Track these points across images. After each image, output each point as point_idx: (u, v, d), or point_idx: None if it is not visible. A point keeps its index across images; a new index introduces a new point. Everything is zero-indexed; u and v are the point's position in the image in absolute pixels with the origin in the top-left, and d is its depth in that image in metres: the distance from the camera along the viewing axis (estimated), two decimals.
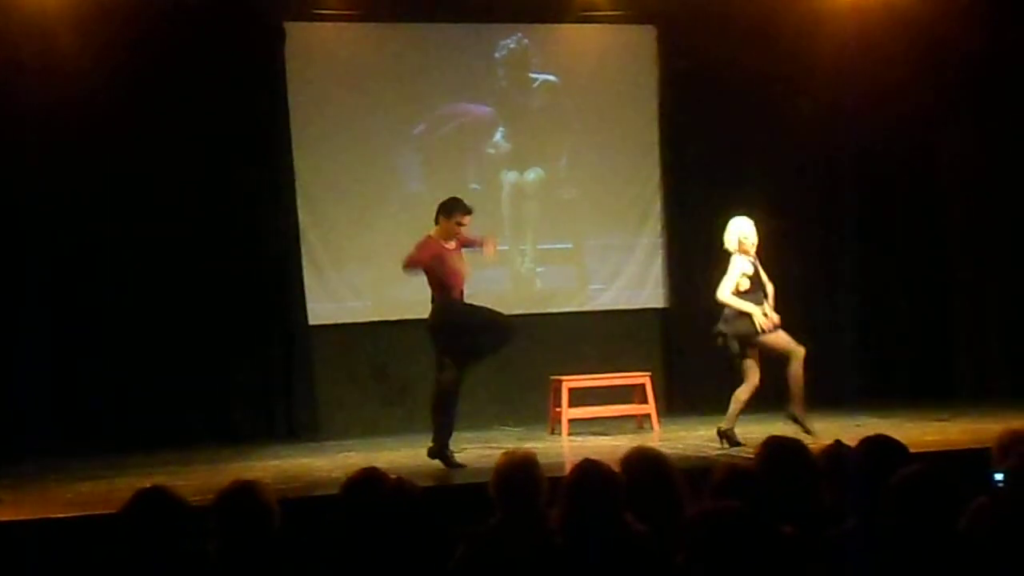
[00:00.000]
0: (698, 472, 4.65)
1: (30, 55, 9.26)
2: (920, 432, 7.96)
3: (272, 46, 10.21)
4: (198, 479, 7.18)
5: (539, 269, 10.86)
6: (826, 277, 11.21)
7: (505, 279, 10.62)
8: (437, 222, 7.74)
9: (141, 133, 9.69)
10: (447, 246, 7.70)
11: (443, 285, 7.63)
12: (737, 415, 8.05)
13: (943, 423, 8.67)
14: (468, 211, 7.71)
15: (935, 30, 10.53)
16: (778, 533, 3.07)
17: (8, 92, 9.27)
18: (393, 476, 3.91)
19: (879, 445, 3.79)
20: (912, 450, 3.87)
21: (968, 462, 5.28)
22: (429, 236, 7.75)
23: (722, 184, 11.03)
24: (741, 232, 8.19)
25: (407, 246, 9.81)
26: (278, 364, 10.18)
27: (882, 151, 11.07)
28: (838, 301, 11.28)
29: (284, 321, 10.19)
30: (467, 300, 7.79)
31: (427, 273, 7.67)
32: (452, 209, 7.68)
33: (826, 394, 10.56)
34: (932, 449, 6.81)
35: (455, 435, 7.83)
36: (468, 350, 7.62)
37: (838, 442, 3.95)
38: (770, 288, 8.26)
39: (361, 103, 10.49)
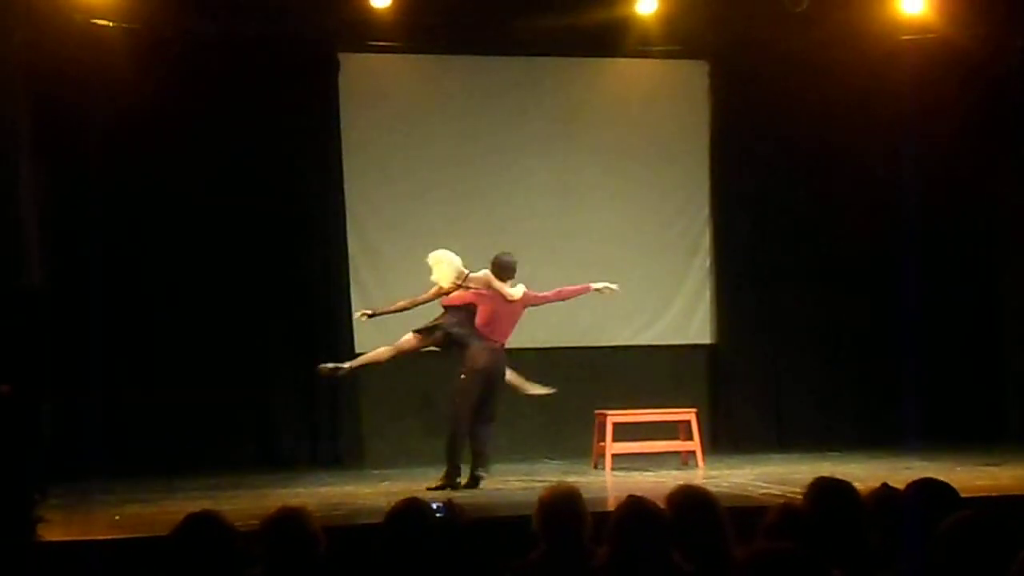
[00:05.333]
0: (742, 512, 4.61)
1: (93, 84, 9.39)
2: (970, 476, 7.84)
3: (326, 77, 10.34)
4: (244, 504, 7.20)
5: (585, 302, 10.83)
6: (878, 318, 11.09)
7: (551, 312, 10.58)
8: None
9: (193, 160, 9.85)
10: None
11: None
12: None
13: (993, 468, 8.55)
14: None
15: (993, 70, 10.44)
16: None
17: (66, 121, 9.40)
18: (444, 500, 3.91)
19: (929, 489, 3.75)
20: (962, 495, 3.81)
21: (1019, 508, 5.20)
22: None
23: (773, 219, 11.06)
24: None
25: None
26: (324, 392, 10.21)
27: (940, 191, 10.89)
28: (889, 343, 11.14)
29: (331, 349, 10.11)
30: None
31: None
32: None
33: (875, 436, 10.58)
34: (982, 494, 6.68)
35: (498, 467, 7.97)
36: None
37: (886, 485, 3.90)
38: None
39: (413, 134, 10.57)
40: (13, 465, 6.01)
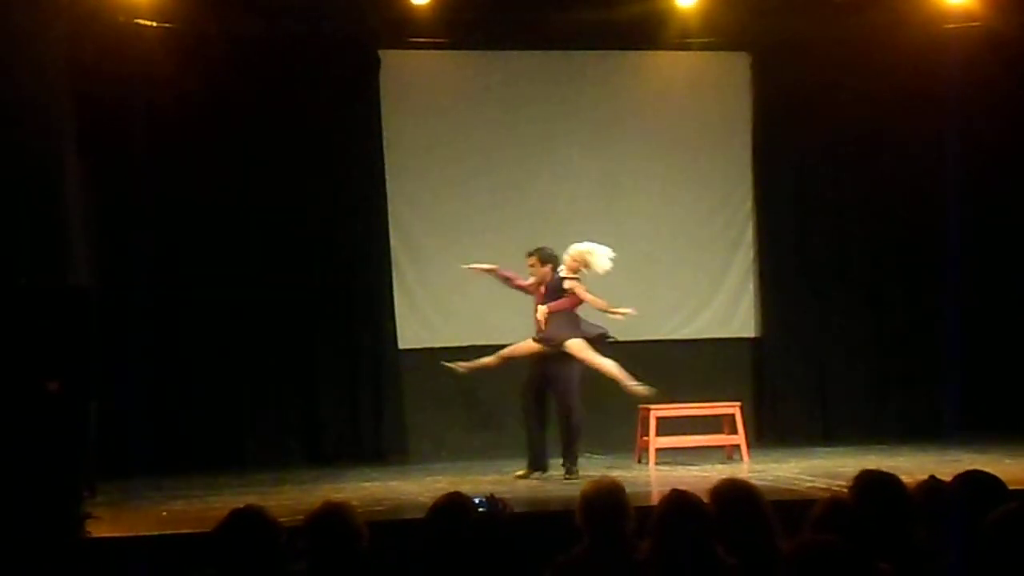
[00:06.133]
0: (787, 505, 4.59)
1: (137, 83, 9.46)
2: (1020, 468, 7.72)
3: (367, 74, 10.38)
4: (289, 500, 7.26)
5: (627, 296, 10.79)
6: (924, 309, 10.99)
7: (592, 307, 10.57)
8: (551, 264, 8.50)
9: (236, 159, 9.96)
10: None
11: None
12: None
13: None
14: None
15: None
16: (876, 570, 3.01)
17: (110, 120, 9.46)
18: (487, 494, 3.92)
19: (976, 481, 3.72)
20: (1010, 487, 3.78)
21: None
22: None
23: (816, 211, 11.00)
24: None
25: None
26: (368, 387, 10.28)
27: (985, 181, 10.75)
28: (936, 334, 11.00)
29: (375, 345, 10.31)
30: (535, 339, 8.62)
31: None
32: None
33: (922, 428, 10.54)
34: None
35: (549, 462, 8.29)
36: None
37: (933, 477, 3.88)
38: None
39: (454, 130, 10.59)
40: (62, 462, 6.09)
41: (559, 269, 8.63)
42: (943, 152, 10.69)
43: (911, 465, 7.86)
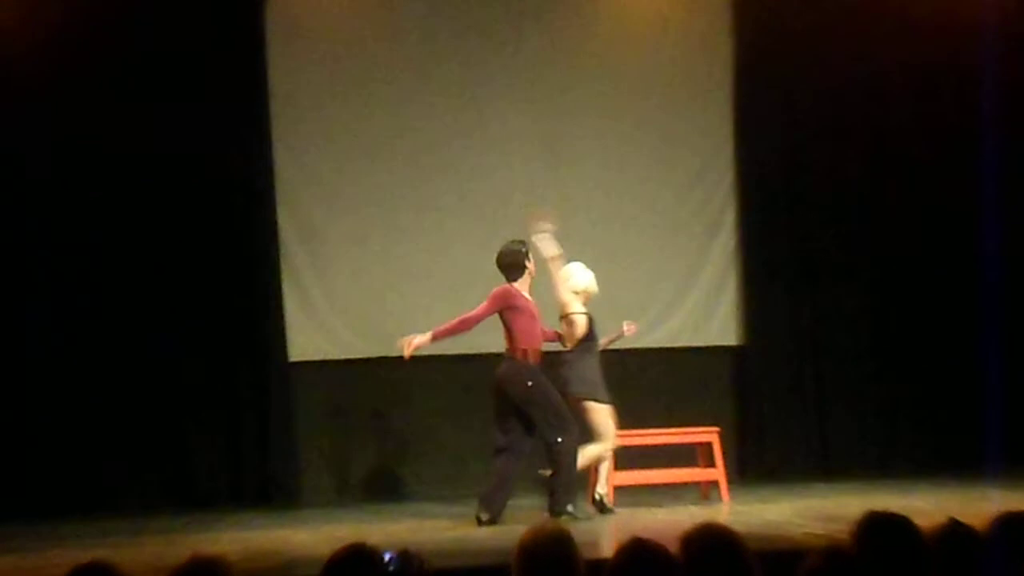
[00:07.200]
0: (776, 556, 4.62)
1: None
2: None
3: (249, 9, 10.35)
4: (149, 553, 7.21)
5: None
6: (945, 315, 11.12)
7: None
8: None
9: (92, 113, 9.91)
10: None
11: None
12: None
13: None
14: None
15: None
16: None
17: None
18: (399, 547, 3.92)
19: (1018, 526, 3.80)
20: None
21: None
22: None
23: (813, 188, 11.08)
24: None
25: (414, 262, 9.74)
26: (249, 411, 10.25)
27: (1015, 163, 10.87)
28: (960, 345, 11.06)
29: (258, 356, 10.27)
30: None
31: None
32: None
33: (941, 461, 10.66)
34: None
35: (470, 502, 8.14)
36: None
37: (954, 521, 3.93)
38: None
39: (359, 80, 10.56)
40: None
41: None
42: (975, 110, 10.54)
43: (927, 505, 7.94)
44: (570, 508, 8.22)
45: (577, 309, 8.63)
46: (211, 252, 10.25)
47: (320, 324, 10.44)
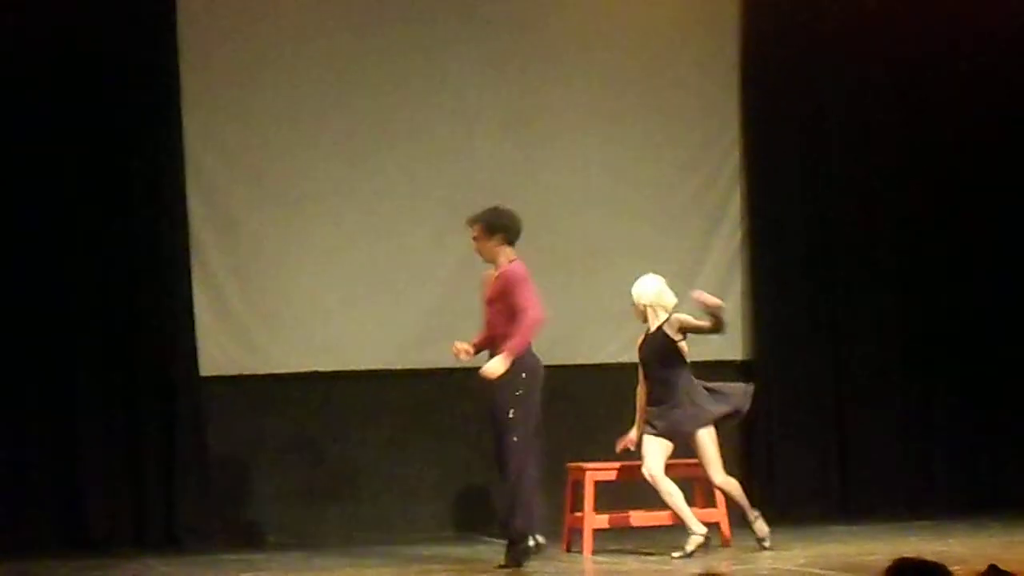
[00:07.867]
0: None
1: None
2: None
3: None
4: None
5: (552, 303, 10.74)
6: (988, 328, 11.18)
7: None
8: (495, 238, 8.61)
9: None
10: None
11: None
12: None
13: None
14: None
15: None
16: None
17: None
18: None
19: None
20: None
21: None
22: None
23: (834, 171, 11.17)
24: None
25: (353, 257, 9.68)
26: (153, 436, 10.19)
27: None
28: (1005, 364, 11.18)
29: (163, 371, 10.21)
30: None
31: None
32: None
33: (981, 499, 10.84)
34: None
35: (418, 551, 8.59)
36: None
37: (994, 568, 3.86)
38: None
39: (288, 46, 10.55)
40: None
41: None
42: (992, 100, 10.93)
43: (966, 550, 8.10)
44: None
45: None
46: (106, 247, 10.24)
47: (238, 333, 10.41)
